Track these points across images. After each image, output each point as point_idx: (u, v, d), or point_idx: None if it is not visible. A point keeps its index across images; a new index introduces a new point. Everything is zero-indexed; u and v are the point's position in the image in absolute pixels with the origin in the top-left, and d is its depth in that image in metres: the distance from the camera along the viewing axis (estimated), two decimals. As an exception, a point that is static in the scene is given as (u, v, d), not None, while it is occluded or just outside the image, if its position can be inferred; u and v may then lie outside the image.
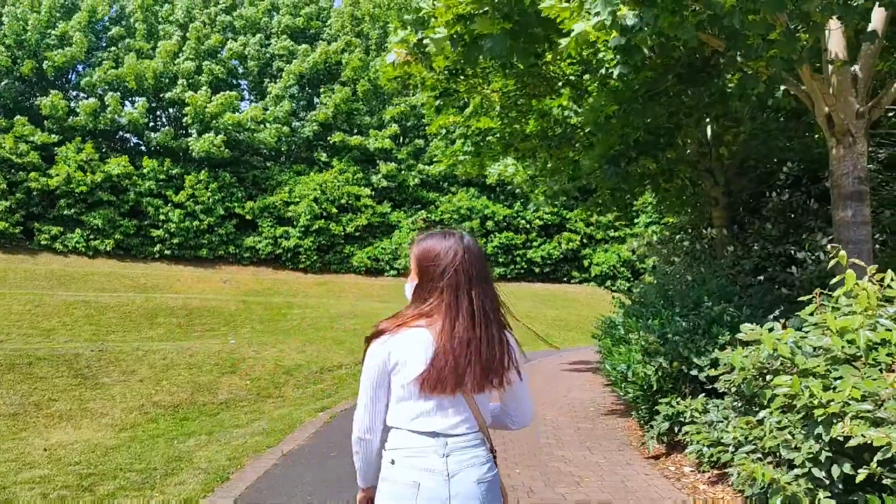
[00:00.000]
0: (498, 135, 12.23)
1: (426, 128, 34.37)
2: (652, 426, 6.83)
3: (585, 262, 34.33)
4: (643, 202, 18.71)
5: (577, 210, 24.80)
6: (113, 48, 32.48)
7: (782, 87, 7.19)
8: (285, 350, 15.04)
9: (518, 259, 33.81)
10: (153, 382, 12.54)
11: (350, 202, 32.20)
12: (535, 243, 34.02)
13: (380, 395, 2.16)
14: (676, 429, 6.55)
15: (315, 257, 31.77)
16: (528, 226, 33.88)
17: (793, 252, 9.74)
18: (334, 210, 31.82)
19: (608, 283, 33.79)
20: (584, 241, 34.55)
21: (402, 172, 33.48)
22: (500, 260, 33.62)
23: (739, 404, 5.61)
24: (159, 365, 13.30)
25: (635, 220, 32.23)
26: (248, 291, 25.99)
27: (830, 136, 6.42)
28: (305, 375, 13.68)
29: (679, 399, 6.70)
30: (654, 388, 6.78)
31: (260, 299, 21.95)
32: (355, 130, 34.12)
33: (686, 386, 6.85)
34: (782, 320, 5.17)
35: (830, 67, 6.22)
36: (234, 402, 12.07)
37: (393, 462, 2.12)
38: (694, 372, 6.66)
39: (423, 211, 33.45)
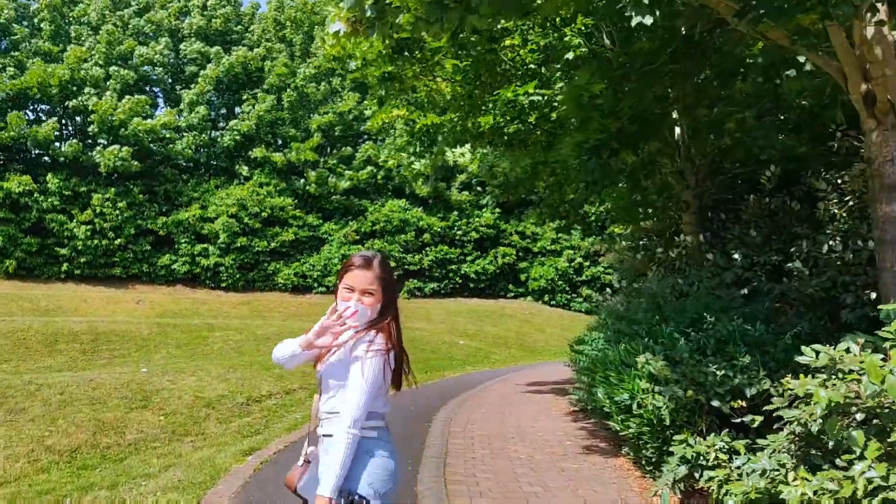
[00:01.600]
0: (447, 131, 10.98)
1: (357, 133, 33.10)
2: (662, 470, 5.63)
3: (522, 277, 33.38)
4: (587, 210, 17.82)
5: (525, 218, 23.47)
6: (16, 53, 29.83)
7: (799, 64, 6.15)
8: (206, 378, 13.32)
9: (452, 274, 32.62)
10: (47, 422, 10.68)
11: (276, 215, 30.38)
12: (469, 258, 32.90)
13: None
14: (697, 474, 5.35)
15: (237, 275, 29.80)
16: (463, 238, 32.75)
17: (777, 261, 8.82)
18: (258, 224, 29.95)
19: (546, 297, 32.96)
20: (521, 254, 33.63)
21: (332, 180, 31.81)
22: (435, 274, 32.40)
23: (795, 448, 4.45)
24: (55, 400, 11.42)
25: (572, 232, 31.59)
26: (164, 313, 23.91)
27: (868, 118, 5.38)
28: (229, 408, 12.03)
29: (696, 436, 5.53)
30: (668, 422, 5.57)
31: (177, 321, 19.99)
32: (279, 142, 32.35)
33: (703, 419, 5.68)
34: (860, 340, 4.04)
35: (870, 33, 5.19)
36: (144, 442, 10.35)
37: (377, 436, 2.63)
38: (716, 403, 5.50)
39: (353, 222, 31.86)
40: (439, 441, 8.26)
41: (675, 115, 8.68)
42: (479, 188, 33.19)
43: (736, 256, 8.98)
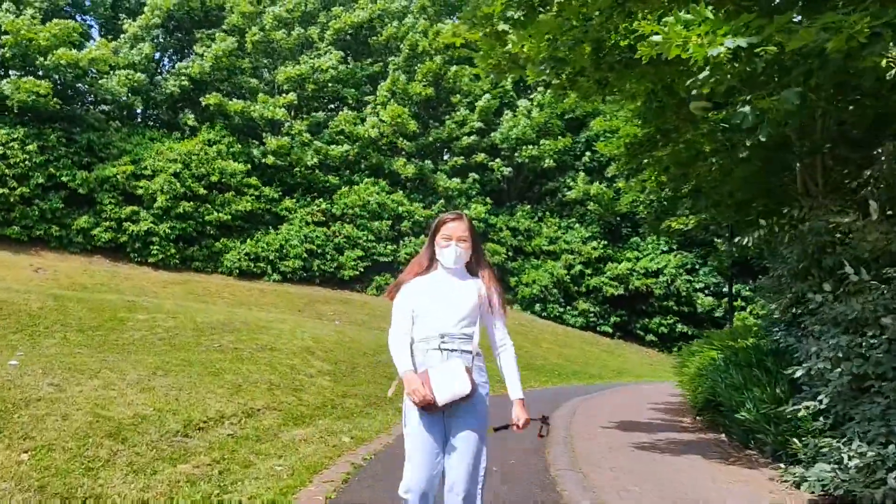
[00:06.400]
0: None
1: (333, 97, 28.03)
2: None
3: (512, 281, 28.60)
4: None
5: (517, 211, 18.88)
6: None
7: None
8: (116, 384, 8.15)
9: (432, 270, 27.69)
10: None
11: (226, 181, 24.89)
12: (455, 252, 27.97)
13: None
14: None
15: (172, 250, 24.15)
16: (449, 230, 27.81)
17: None
18: (202, 190, 24.43)
19: (537, 307, 28.31)
20: (511, 253, 28.87)
21: (296, 150, 26.42)
22: (414, 271, 27.40)
23: None
24: None
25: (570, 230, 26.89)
26: (71, 285, 18.33)
27: None
28: (153, 441, 6.90)
29: None
30: None
31: (86, 295, 14.52)
32: (236, 94, 26.91)
33: None
34: None
35: None
36: (-25, 511, 5.19)
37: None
38: None
39: (320, 200, 26.63)
40: None
41: None
42: (473, 174, 28.47)
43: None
